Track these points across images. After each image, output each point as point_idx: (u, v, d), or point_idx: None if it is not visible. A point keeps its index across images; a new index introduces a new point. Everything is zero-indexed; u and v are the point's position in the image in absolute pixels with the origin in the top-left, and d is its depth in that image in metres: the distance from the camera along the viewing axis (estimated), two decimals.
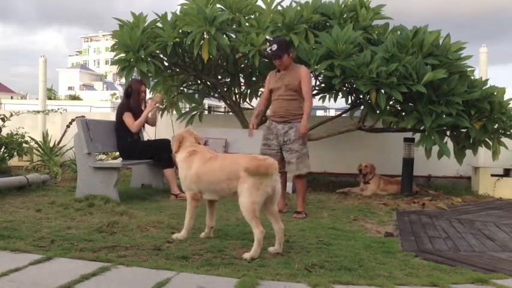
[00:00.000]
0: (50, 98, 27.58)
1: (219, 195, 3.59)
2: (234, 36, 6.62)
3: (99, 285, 2.53)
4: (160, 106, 6.57)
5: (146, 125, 6.38)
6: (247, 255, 3.16)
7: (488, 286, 2.76)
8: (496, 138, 6.34)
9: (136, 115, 6.01)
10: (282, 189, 5.16)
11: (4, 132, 7.37)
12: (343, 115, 7.72)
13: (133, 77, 6.75)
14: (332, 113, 16.86)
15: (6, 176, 6.07)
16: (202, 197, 3.67)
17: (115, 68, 8.28)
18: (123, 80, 9.20)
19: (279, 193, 3.43)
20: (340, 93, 7.05)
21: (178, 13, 6.64)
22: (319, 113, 23.52)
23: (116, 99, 51.89)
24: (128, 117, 5.96)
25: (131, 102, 6.09)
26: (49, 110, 8.81)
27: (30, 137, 7.94)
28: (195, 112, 8.00)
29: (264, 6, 6.82)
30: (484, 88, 6.18)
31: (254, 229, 3.24)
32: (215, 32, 6.21)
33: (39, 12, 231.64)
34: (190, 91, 8.25)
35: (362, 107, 6.93)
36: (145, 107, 6.18)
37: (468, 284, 2.78)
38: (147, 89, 7.23)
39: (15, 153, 7.40)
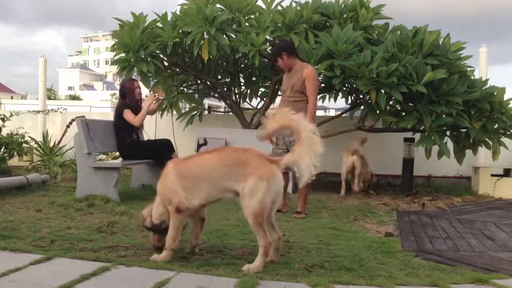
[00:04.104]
0: (50, 98, 27.55)
1: None
2: (234, 36, 6.62)
3: (99, 285, 2.53)
4: (160, 97, 6.56)
5: (145, 125, 6.37)
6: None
7: (488, 286, 2.75)
8: (496, 138, 6.34)
9: (134, 112, 6.00)
10: (283, 189, 5.17)
11: (4, 132, 7.37)
12: (343, 115, 7.72)
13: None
14: (332, 113, 16.87)
15: (6, 176, 6.07)
16: None
17: (115, 68, 8.28)
18: None
19: None
20: (340, 93, 7.06)
21: (178, 13, 6.64)
22: (319, 113, 23.47)
23: (116, 99, 51.83)
24: (128, 113, 5.95)
25: (128, 101, 6.08)
26: (49, 110, 8.81)
27: (30, 137, 7.94)
28: (195, 112, 8.01)
29: (264, 6, 6.82)
30: (484, 88, 6.18)
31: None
32: (215, 32, 6.21)
33: (39, 13, 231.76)
34: (190, 91, 8.25)
35: (362, 107, 6.93)
36: (142, 102, 6.19)
37: (468, 284, 2.78)
38: (146, 88, 7.23)
39: (15, 153, 7.41)
